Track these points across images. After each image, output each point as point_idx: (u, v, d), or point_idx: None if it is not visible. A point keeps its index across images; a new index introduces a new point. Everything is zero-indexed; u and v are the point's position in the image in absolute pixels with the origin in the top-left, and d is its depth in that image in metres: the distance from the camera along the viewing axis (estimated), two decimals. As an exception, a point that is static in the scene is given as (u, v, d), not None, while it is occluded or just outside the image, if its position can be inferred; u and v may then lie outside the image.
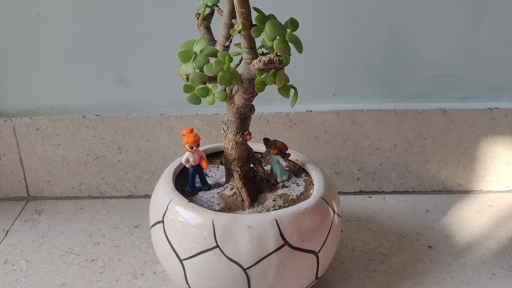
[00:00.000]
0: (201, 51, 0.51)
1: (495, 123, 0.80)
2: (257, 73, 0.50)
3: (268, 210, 0.56)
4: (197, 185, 0.61)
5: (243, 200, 0.58)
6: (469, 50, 0.78)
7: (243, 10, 0.48)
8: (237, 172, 0.59)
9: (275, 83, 0.50)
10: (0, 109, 0.82)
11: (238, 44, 0.53)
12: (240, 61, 0.52)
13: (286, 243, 0.54)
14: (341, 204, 0.81)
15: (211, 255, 0.53)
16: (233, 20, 0.53)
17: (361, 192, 0.86)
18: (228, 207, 0.57)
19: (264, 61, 0.48)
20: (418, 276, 0.67)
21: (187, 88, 0.51)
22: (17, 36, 0.77)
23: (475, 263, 0.69)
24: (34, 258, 0.71)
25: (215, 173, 0.64)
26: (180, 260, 0.55)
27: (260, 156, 0.66)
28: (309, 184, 0.61)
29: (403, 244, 0.73)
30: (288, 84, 0.52)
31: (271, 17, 0.49)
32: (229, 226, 0.53)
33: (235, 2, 0.48)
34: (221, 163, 0.65)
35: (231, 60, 0.50)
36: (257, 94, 0.53)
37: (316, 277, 0.59)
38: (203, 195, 0.59)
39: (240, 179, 0.59)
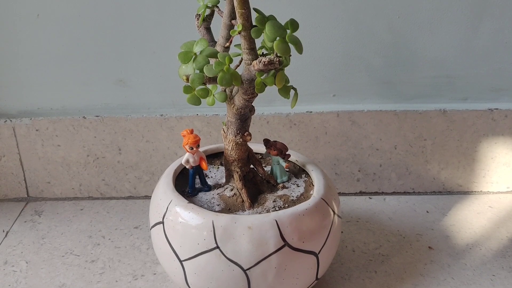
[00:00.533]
0: (201, 52, 0.51)
1: (495, 124, 0.80)
2: (257, 74, 0.50)
3: (268, 211, 0.56)
4: (197, 186, 0.61)
5: (243, 201, 0.58)
6: (469, 50, 0.78)
7: (243, 11, 0.48)
8: (237, 173, 0.59)
9: (275, 84, 0.50)
10: (0, 110, 0.82)
11: (238, 45, 0.53)
12: (240, 62, 0.52)
13: (286, 244, 0.54)
14: (341, 205, 0.81)
15: (211, 256, 0.53)
16: (233, 21, 0.53)
17: (361, 193, 0.86)
18: (228, 208, 0.57)
19: (264, 62, 0.48)
20: (418, 277, 0.67)
21: (187, 89, 0.51)
22: (17, 37, 0.77)
23: (475, 264, 0.69)
24: (34, 259, 0.71)
25: (215, 174, 0.64)
26: (180, 261, 0.55)
27: (260, 157, 0.66)
28: (309, 185, 0.61)
29: (403, 245, 0.73)
30: (288, 85, 0.52)
31: (271, 18, 0.49)
32: (229, 227, 0.53)
33: (235, 3, 0.48)
34: (221, 164, 0.65)
35: (231, 61, 0.50)
36: (257, 95, 0.53)
37: (316, 278, 0.59)
38: (203, 196, 0.59)
39: (240, 180, 0.59)
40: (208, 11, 0.57)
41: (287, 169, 0.63)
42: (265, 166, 0.64)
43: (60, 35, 0.77)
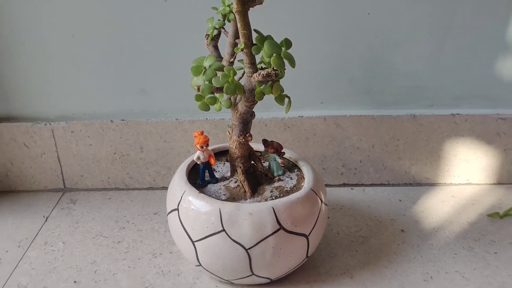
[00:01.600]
0: (210, 66, 0.51)
1: (457, 127, 0.80)
2: (257, 84, 0.50)
3: (266, 200, 0.56)
4: (206, 178, 0.60)
5: (245, 191, 0.58)
6: (436, 65, 0.78)
7: (245, 31, 0.48)
8: (240, 167, 0.59)
9: (272, 93, 0.50)
10: (41, 115, 0.82)
11: (241, 60, 0.53)
12: (243, 74, 0.52)
13: (281, 227, 0.53)
14: (328, 195, 0.81)
15: (218, 238, 0.53)
16: (237, 40, 0.53)
17: (344, 185, 0.86)
18: (233, 197, 0.57)
19: (263, 75, 0.48)
20: (392, 255, 0.67)
21: (198, 97, 0.51)
22: (56, 53, 0.77)
23: (440, 244, 0.69)
24: (69, 240, 0.71)
25: (221, 168, 0.64)
26: (192, 242, 0.55)
27: (259, 154, 0.66)
28: (301, 178, 0.61)
29: (380, 229, 0.73)
30: (283, 93, 0.52)
31: (269, 37, 0.49)
32: (233, 213, 0.53)
33: (238, 25, 0.48)
34: (227, 160, 0.65)
35: (235, 73, 0.50)
36: (257, 102, 0.53)
37: (307, 256, 0.59)
38: (211, 187, 0.59)
39: (242, 174, 0.59)
40: (215, 32, 0.57)
41: (282, 165, 0.62)
42: (263, 162, 0.64)
43: (92, 52, 0.77)
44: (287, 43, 0.49)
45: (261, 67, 0.53)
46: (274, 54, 0.48)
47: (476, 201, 0.80)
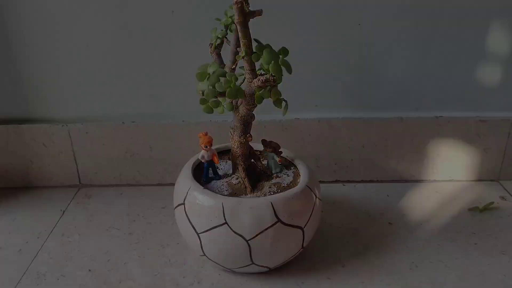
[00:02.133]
0: (213, 72, 0.51)
1: (440, 128, 0.80)
2: (257, 89, 0.50)
3: (265, 195, 0.56)
4: (210, 175, 0.61)
5: (246, 187, 0.58)
6: (420, 72, 0.78)
7: (246, 41, 0.48)
8: (241, 165, 0.59)
9: (270, 97, 0.50)
10: (59, 117, 0.82)
11: (242, 67, 0.53)
12: (244, 80, 0.52)
13: (279, 220, 0.54)
14: (321, 190, 0.81)
15: (221, 230, 0.53)
16: (238, 48, 0.53)
17: (337, 181, 0.86)
18: (234, 193, 0.57)
19: (262, 80, 0.48)
20: (381, 246, 0.67)
21: (203, 101, 0.51)
22: (72, 61, 0.77)
23: (425, 236, 0.69)
24: (84, 232, 0.71)
25: (224, 166, 0.64)
26: (197, 234, 0.55)
27: (259, 153, 0.66)
28: (297, 175, 0.61)
29: (369, 221, 0.73)
30: (281, 98, 0.52)
31: (267, 46, 0.49)
32: (235, 207, 0.53)
33: (240, 35, 0.48)
34: (229, 159, 0.65)
35: (236, 79, 0.50)
36: (256, 105, 0.53)
37: (302, 247, 0.59)
38: (215, 183, 0.59)
39: (243, 171, 0.59)
40: (218, 41, 0.57)
41: (280, 163, 0.62)
42: (263, 160, 0.64)
43: (105, 61, 0.77)
44: (284, 51, 0.49)
45: (261, 73, 0.53)
46: (273, 62, 0.48)
47: (458, 197, 0.80)
